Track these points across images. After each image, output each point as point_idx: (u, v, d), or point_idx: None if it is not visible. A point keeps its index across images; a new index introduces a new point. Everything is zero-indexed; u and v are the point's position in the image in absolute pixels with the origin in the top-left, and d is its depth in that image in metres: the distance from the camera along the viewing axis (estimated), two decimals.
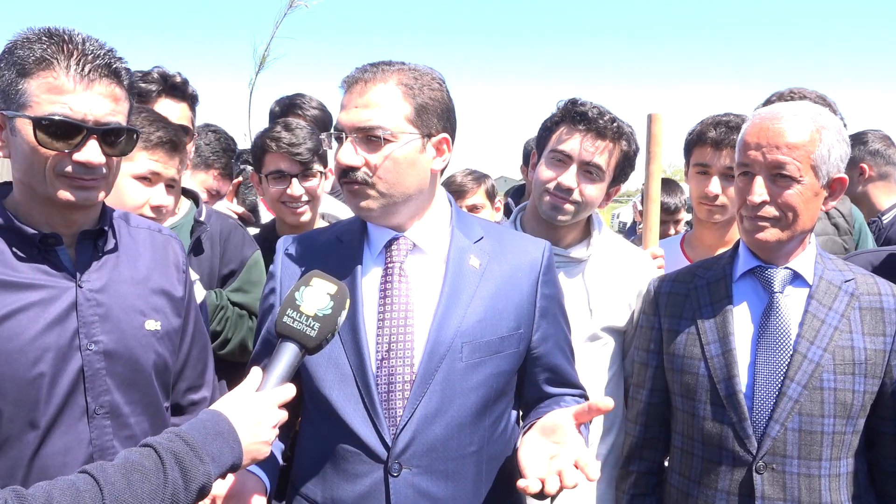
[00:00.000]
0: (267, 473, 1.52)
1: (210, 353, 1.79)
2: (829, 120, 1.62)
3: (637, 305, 2.10)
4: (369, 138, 1.50)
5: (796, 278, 1.70)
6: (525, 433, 1.49)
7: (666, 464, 1.90)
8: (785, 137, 1.59)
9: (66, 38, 1.37)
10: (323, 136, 1.58)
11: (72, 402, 1.41)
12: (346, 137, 1.52)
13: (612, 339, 2.10)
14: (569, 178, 2.01)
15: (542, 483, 1.32)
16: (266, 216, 2.95)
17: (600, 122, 2.01)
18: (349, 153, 1.51)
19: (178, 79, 2.55)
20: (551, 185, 2.03)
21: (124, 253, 1.57)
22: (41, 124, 1.34)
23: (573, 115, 2.04)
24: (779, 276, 1.69)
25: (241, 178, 2.73)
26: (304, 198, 2.40)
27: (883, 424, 1.65)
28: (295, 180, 2.38)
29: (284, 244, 1.71)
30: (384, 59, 1.56)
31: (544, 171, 2.06)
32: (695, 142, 2.39)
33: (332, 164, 2.36)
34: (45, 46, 1.35)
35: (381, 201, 1.54)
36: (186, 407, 1.72)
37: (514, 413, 1.70)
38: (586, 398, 1.76)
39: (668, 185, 4.13)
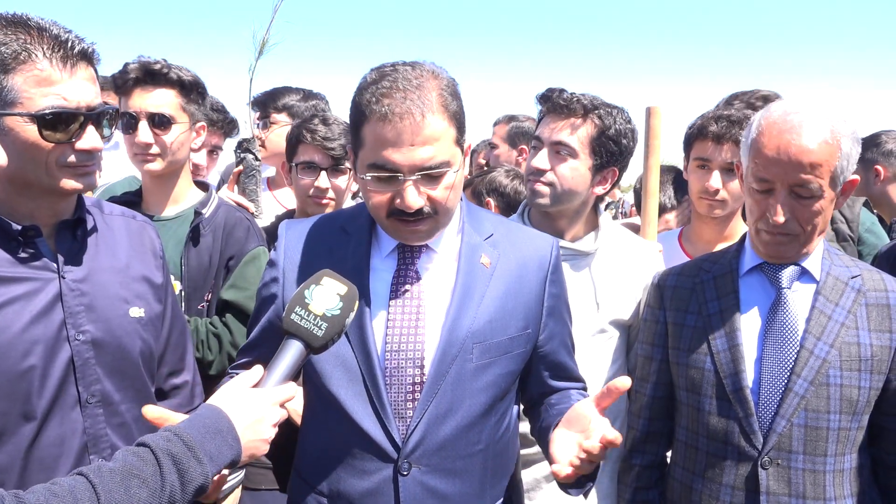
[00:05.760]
0: None
1: (189, 338, 1.78)
2: (844, 126, 1.58)
3: (643, 299, 2.10)
4: (431, 176, 1.43)
5: (803, 274, 1.69)
6: (553, 430, 1.48)
7: (668, 457, 1.90)
8: (809, 156, 1.53)
9: (33, 25, 1.34)
10: (362, 177, 1.47)
11: (64, 393, 1.41)
12: (404, 179, 1.41)
13: (617, 333, 2.10)
14: (540, 160, 2.04)
15: (573, 467, 1.33)
16: (266, 207, 2.90)
17: (561, 100, 2.02)
18: (415, 197, 1.42)
19: (157, 66, 2.21)
20: (528, 171, 2.07)
21: (102, 241, 1.55)
22: (44, 119, 1.31)
23: (541, 100, 2.09)
24: (787, 272, 1.69)
25: (241, 167, 2.69)
26: (330, 193, 2.43)
27: (887, 420, 1.66)
28: (324, 173, 2.41)
29: (286, 230, 1.64)
30: (407, 70, 1.41)
31: (526, 161, 2.10)
32: (695, 136, 2.37)
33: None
34: (17, 38, 1.31)
35: (439, 228, 1.52)
36: (169, 391, 1.72)
37: (515, 408, 1.70)
38: (585, 391, 1.76)
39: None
